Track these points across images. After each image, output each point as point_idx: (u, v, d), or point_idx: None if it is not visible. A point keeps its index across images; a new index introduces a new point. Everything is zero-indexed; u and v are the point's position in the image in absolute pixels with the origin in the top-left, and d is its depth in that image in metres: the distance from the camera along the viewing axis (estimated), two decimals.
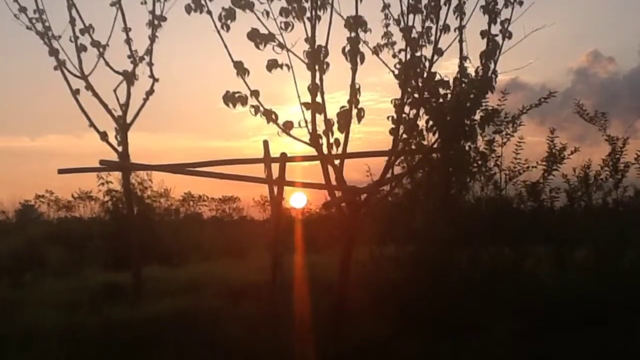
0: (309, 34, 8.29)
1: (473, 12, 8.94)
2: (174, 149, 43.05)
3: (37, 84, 43.68)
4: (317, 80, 8.35)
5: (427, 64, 8.87)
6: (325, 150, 8.60)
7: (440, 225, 10.05)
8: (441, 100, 9.17)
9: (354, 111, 8.52)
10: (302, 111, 8.41)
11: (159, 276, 13.65)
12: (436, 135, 9.21)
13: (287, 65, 8.18)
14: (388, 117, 8.93)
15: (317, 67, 8.32)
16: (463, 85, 9.16)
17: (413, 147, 9.37)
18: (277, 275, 10.56)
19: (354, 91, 8.51)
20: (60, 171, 11.19)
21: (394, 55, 9.04)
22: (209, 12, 8.31)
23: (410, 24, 8.71)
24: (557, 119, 12.55)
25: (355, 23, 8.37)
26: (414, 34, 8.73)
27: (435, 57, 8.87)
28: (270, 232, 11.35)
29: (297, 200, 12.95)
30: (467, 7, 8.94)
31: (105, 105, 11.50)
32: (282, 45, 8.17)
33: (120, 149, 11.49)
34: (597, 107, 11.73)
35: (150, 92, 11.69)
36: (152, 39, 11.66)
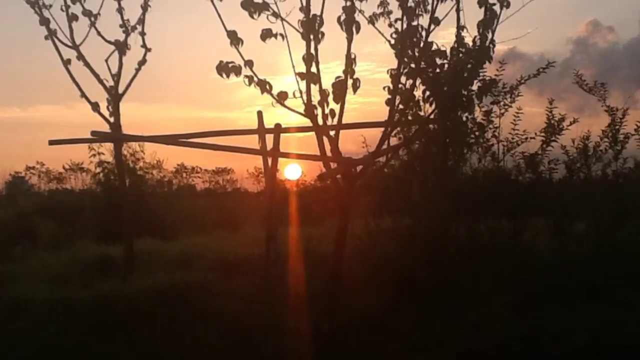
0: (304, 3, 8.11)
1: None
2: (167, 120, 42.86)
3: (28, 54, 43.40)
4: (312, 50, 8.19)
5: (423, 33, 8.70)
6: (320, 121, 8.46)
7: (437, 197, 9.98)
8: (438, 70, 9.02)
9: (350, 81, 8.36)
10: (297, 81, 8.25)
11: (152, 249, 13.58)
12: (433, 106, 9.07)
13: (281, 34, 8.00)
14: (384, 88, 8.77)
15: (312, 37, 8.15)
16: (460, 55, 9.00)
17: (409, 118, 9.24)
18: (271, 248, 10.50)
19: (350, 61, 8.35)
20: (51, 142, 11.10)
21: (390, 25, 8.85)
22: None
23: None
24: (555, 89, 12.52)
25: None
26: (410, 3, 8.53)
27: (432, 26, 8.69)
28: (264, 205, 11.30)
29: (291, 171, 12.90)
30: None
31: (96, 76, 11.41)
32: (276, 15, 7.99)
33: (112, 119, 11.44)
34: (596, 77, 11.71)
35: (142, 62, 11.61)
36: (145, 7, 11.57)
